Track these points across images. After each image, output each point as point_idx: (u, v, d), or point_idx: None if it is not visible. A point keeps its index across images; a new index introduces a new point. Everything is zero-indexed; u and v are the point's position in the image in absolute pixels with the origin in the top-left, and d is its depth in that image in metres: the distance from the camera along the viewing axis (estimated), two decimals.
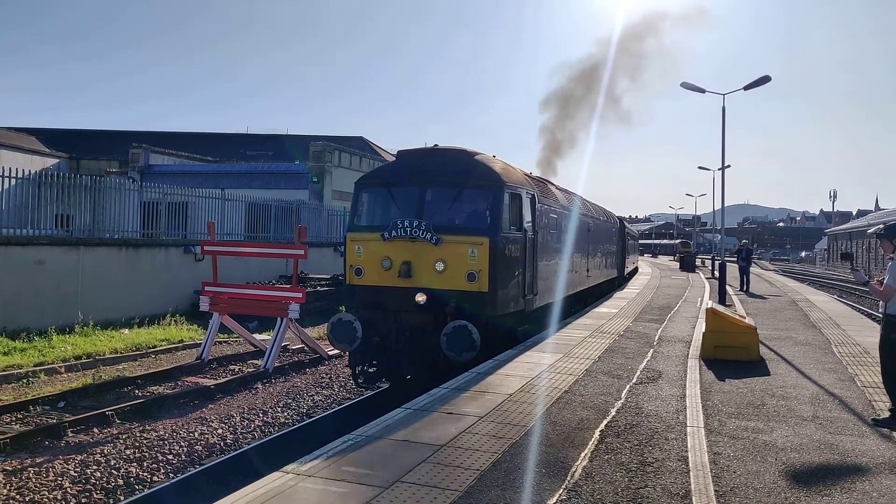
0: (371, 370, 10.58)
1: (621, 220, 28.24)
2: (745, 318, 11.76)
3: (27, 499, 6.93)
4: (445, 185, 10.21)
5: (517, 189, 10.66)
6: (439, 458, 5.16)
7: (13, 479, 7.37)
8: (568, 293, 14.75)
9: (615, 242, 24.82)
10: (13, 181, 15.52)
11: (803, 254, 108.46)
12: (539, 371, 8.53)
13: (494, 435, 5.81)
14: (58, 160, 39.09)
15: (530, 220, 11.22)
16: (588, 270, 17.79)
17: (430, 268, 9.70)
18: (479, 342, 9.17)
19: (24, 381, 11.63)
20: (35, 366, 12.29)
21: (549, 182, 14.81)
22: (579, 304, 16.87)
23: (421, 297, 9.64)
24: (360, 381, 10.67)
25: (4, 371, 11.79)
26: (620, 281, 26.63)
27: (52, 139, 45.40)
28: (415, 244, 9.74)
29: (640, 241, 63.27)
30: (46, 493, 7.09)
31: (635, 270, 35.91)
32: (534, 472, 4.98)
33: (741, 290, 24.01)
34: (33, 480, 7.36)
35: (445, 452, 5.31)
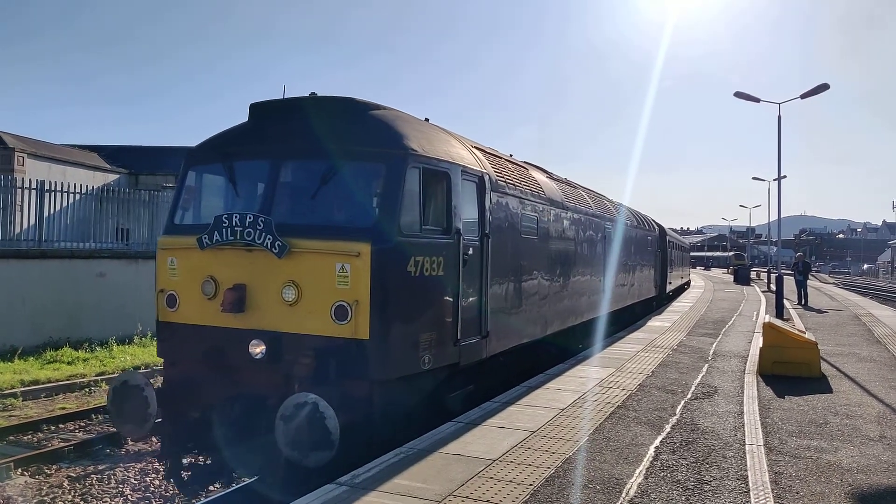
0: (205, 460, 6.88)
1: (661, 227, 23.94)
2: (804, 332, 11.40)
3: None
4: (311, 157, 6.56)
5: (440, 165, 6.81)
6: (492, 473, 5.13)
7: (77, 485, 7.63)
8: (563, 326, 10.90)
9: (652, 254, 20.82)
10: (77, 196, 16.15)
11: (865, 266, 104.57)
12: (591, 385, 8.42)
13: (547, 450, 5.75)
14: (118, 175, 40.51)
15: (475, 216, 7.51)
16: (604, 292, 13.69)
17: (276, 295, 6.07)
18: (338, 434, 5.34)
19: (87, 389, 12.03)
20: (96, 375, 12.70)
21: (527, 165, 10.62)
22: (589, 337, 12.74)
23: (257, 348, 6.07)
24: (182, 478, 6.78)
25: (68, 380, 12.22)
26: (661, 301, 22.75)
27: (113, 155, 47.09)
28: (252, 255, 6.14)
29: (693, 254, 62.04)
30: (108, 499, 7.31)
31: (685, 286, 33.63)
32: (588, 489, 4.90)
33: (799, 303, 23.29)
34: (96, 487, 7.60)
35: (498, 467, 5.27)
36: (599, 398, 7.77)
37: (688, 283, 35.76)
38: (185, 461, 6.90)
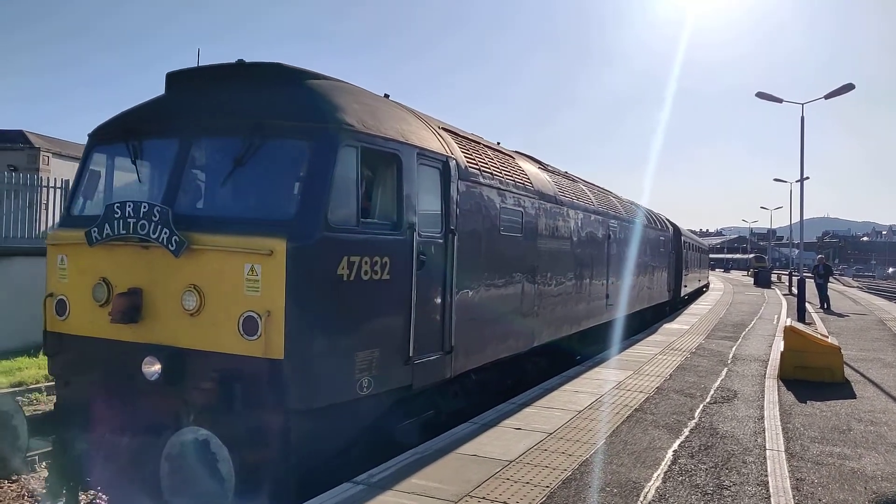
0: (99, 498, 5.68)
1: (676, 227, 22.76)
2: (826, 337, 11.24)
3: None
4: (223, 134, 5.48)
5: (387, 145, 5.75)
6: (508, 474, 5.11)
7: None
8: (555, 337, 9.79)
9: (666, 255, 19.65)
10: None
11: (890, 269, 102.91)
12: (608, 388, 8.37)
13: (564, 452, 5.72)
14: None
15: (437, 208, 6.47)
16: (607, 297, 12.61)
17: (175, 303, 5.09)
18: (233, 481, 4.58)
19: None
20: None
21: (514, 154, 9.52)
22: (594, 345, 11.78)
23: (152, 367, 5.06)
24: None
25: None
26: (675, 306, 21.62)
27: None
28: (149, 254, 5.19)
29: (712, 256, 61.45)
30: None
31: (703, 289, 32.90)
32: (605, 492, 4.87)
33: (821, 307, 22.97)
34: None
35: (514, 468, 5.26)
36: (617, 401, 7.72)
37: (706, 286, 35.36)
38: (80, 499, 5.85)
